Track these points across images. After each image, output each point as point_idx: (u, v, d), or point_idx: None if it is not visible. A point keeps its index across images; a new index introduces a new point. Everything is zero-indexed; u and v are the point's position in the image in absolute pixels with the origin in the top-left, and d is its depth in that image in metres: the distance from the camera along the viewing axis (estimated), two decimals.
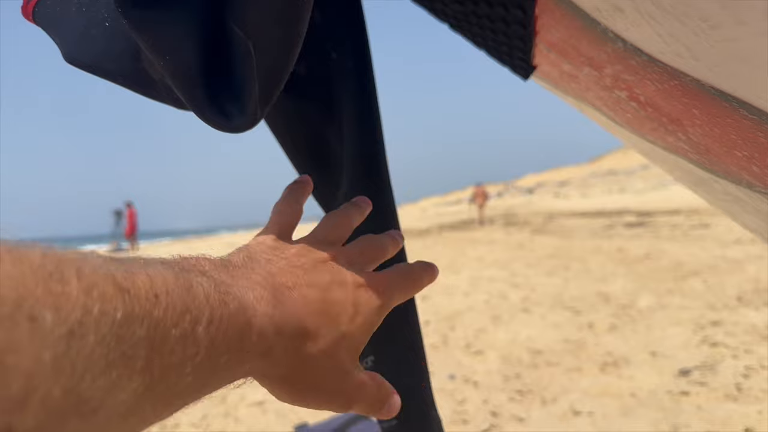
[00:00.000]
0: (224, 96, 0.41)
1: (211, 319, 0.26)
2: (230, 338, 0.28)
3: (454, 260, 8.76)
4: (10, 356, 0.16)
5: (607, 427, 2.44)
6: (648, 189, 26.80)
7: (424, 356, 0.68)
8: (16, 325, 0.17)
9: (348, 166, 0.62)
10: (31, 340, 0.17)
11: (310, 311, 0.35)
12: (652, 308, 4.44)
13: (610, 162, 74.54)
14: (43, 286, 0.18)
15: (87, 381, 0.19)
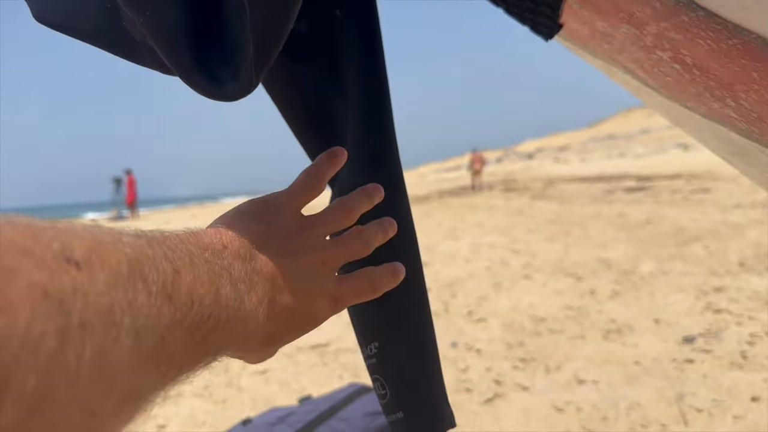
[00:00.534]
0: (215, 59, 0.36)
1: (226, 323, 0.33)
2: (231, 340, 0.35)
3: (454, 226, 8.73)
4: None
5: (611, 395, 2.43)
6: (648, 153, 26.70)
7: (433, 347, 0.64)
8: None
9: (353, 134, 0.57)
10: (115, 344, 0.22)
11: (284, 318, 0.42)
12: (654, 274, 4.42)
13: (610, 127, 74.19)
14: (123, 294, 0.23)
15: (138, 374, 0.24)
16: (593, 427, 2.22)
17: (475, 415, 2.39)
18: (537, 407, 2.40)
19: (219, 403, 2.67)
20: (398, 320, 0.58)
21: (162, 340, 0.26)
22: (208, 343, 0.31)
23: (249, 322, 0.36)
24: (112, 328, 0.21)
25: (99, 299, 0.21)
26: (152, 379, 0.26)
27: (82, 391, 0.20)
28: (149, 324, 0.24)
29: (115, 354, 0.22)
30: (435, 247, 6.76)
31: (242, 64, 0.35)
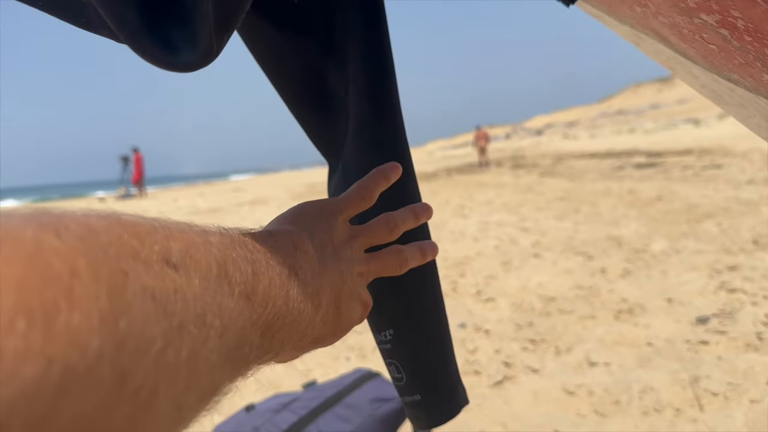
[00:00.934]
0: (167, 21, 0.29)
1: (291, 324, 0.33)
2: (291, 339, 0.35)
3: (462, 204, 8.65)
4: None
5: (624, 378, 2.37)
6: (658, 129, 26.40)
7: (446, 330, 0.63)
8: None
9: (358, 115, 0.52)
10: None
11: (333, 321, 0.42)
12: (666, 253, 4.34)
13: (620, 102, 73.49)
14: (212, 297, 0.24)
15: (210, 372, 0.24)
16: (605, 410, 2.17)
17: (484, 398, 2.34)
18: (547, 390, 2.35)
19: None
20: (413, 307, 0.58)
21: (240, 340, 0.27)
22: (275, 342, 0.32)
23: (309, 324, 0.37)
24: (204, 329, 0.23)
25: (195, 302, 0.23)
26: (229, 375, 0.27)
27: (177, 388, 0.21)
28: (231, 325, 0.26)
29: (205, 353, 0.23)
30: (443, 225, 6.69)
31: (199, 27, 0.29)
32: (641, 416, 2.11)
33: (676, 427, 2.03)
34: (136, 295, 0.19)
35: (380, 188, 0.51)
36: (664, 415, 2.11)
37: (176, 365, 0.21)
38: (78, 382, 0.16)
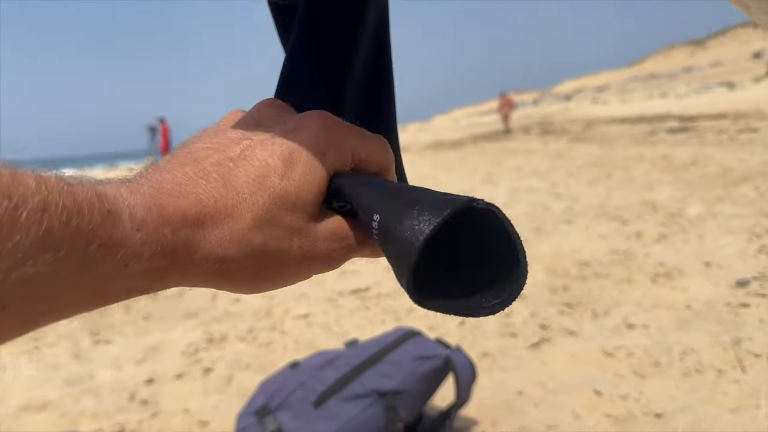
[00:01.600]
0: None
1: (45, 207, 0.23)
2: (86, 228, 0.24)
3: (491, 171, 8.58)
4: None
5: (663, 340, 2.36)
6: (691, 93, 25.73)
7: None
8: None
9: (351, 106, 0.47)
10: None
11: (214, 188, 0.30)
12: (702, 217, 4.26)
13: (651, 65, 71.59)
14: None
15: None
16: (645, 371, 2.17)
17: (521, 359, 2.35)
18: (586, 351, 2.35)
19: (263, 346, 2.68)
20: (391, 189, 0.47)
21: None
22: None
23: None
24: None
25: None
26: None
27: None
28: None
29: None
30: (471, 192, 6.59)
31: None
32: (682, 377, 2.10)
33: (718, 388, 2.01)
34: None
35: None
36: (706, 376, 2.09)
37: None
38: None
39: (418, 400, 1.74)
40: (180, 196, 0.29)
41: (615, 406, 1.97)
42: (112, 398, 2.31)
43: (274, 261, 0.31)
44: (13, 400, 2.38)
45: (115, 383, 2.45)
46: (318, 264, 0.33)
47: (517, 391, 2.10)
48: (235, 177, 0.30)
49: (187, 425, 2.08)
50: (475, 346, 2.46)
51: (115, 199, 0.26)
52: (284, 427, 1.66)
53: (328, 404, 1.67)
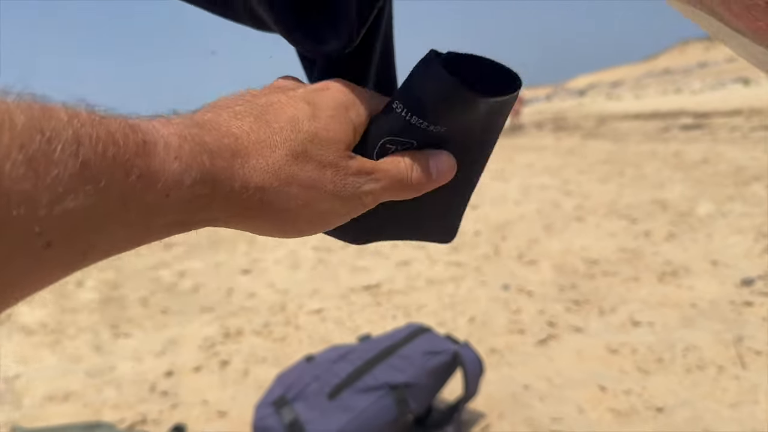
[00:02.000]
0: (315, 14, 0.36)
1: (78, 140, 0.23)
2: (122, 158, 0.24)
3: (503, 168, 8.62)
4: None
5: (667, 337, 2.42)
6: (705, 89, 25.54)
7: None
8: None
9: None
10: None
11: (247, 124, 0.32)
12: (712, 216, 4.30)
13: (666, 61, 70.98)
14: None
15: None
16: (648, 367, 2.23)
17: (528, 355, 2.42)
18: (591, 348, 2.41)
19: (278, 340, 2.78)
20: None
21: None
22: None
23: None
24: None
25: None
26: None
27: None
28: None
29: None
30: (483, 189, 6.71)
31: (344, 21, 0.35)
32: (684, 373, 2.17)
33: (719, 384, 2.08)
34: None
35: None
36: (707, 372, 2.16)
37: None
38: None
39: (427, 392, 1.82)
40: (214, 129, 0.30)
41: (618, 401, 2.04)
42: (134, 389, 2.41)
43: (310, 194, 0.33)
44: (37, 390, 2.49)
45: (136, 375, 2.56)
46: (351, 201, 0.35)
47: (524, 386, 2.17)
48: (267, 117, 0.32)
49: (206, 415, 2.18)
50: (483, 342, 2.54)
51: (149, 130, 0.26)
52: (301, 417, 1.74)
53: (342, 396, 1.76)
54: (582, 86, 58.16)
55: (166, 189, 0.26)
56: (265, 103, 0.33)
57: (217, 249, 4.93)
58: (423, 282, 3.46)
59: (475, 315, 2.87)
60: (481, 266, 3.68)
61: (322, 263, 4.08)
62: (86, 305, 3.61)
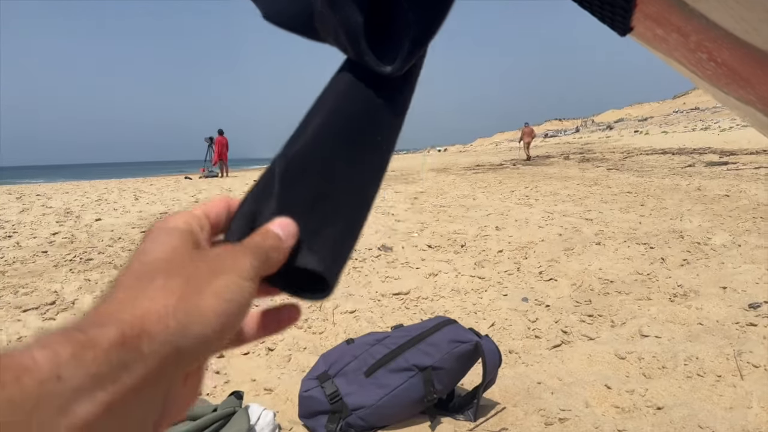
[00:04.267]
0: (383, 51, 0.50)
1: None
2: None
3: (528, 194, 8.85)
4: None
5: (672, 348, 2.63)
6: (734, 127, 25.46)
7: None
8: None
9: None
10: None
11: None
12: (726, 246, 4.49)
13: (695, 98, 70.35)
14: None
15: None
16: (652, 373, 2.45)
17: (542, 357, 2.66)
18: (601, 354, 2.64)
19: (317, 333, 3.06)
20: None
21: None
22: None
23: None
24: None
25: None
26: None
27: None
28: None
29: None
30: (507, 212, 6.95)
31: (399, 56, 0.49)
32: (685, 379, 2.38)
33: (716, 390, 2.29)
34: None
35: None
36: (706, 380, 2.37)
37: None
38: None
39: (451, 376, 2.08)
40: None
41: (622, 399, 2.26)
42: None
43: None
44: None
45: None
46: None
47: (537, 382, 2.41)
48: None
49: (255, 391, 2.45)
50: (502, 344, 2.79)
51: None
52: (341, 390, 2.02)
53: (377, 374, 2.03)
54: (610, 120, 57.97)
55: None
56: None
57: None
58: (449, 291, 3.71)
59: (496, 321, 3.11)
60: (503, 280, 3.93)
61: (356, 271, 4.35)
62: None
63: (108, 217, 8.24)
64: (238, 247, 0.37)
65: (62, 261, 5.18)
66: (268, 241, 0.38)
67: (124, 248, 5.76)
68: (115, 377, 0.27)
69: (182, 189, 13.63)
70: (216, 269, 0.33)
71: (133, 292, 0.31)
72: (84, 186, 16.37)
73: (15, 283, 4.37)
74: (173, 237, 0.35)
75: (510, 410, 2.20)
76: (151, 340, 0.28)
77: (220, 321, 0.32)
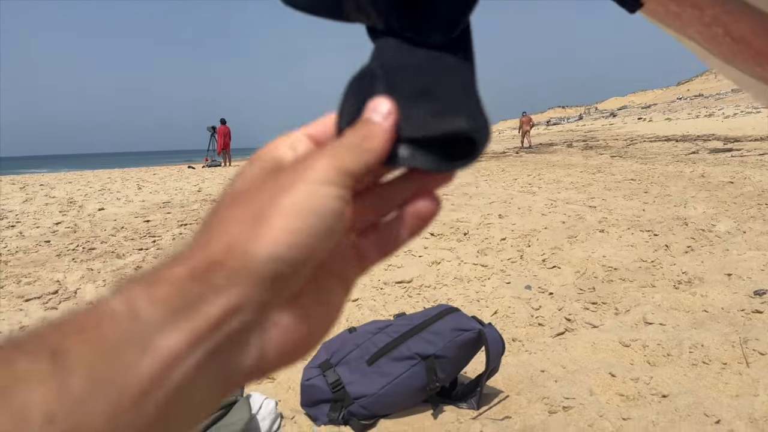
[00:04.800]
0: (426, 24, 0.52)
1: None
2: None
3: (531, 182, 8.81)
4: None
5: (677, 336, 2.61)
6: (738, 114, 25.32)
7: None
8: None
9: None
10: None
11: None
12: (731, 233, 4.46)
13: (699, 85, 70.00)
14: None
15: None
16: (657, 361, 2.43)
17: (546, 345, 2.64)
18: (605, 342, 2.62)
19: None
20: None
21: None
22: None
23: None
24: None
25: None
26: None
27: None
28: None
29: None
30: (511, 200, 6.91)
31: (446, 18, 0.50)
32: (690, 367, 2.36)
33: (721, 377, 2.26)
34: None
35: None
36: (712, 368, 2.35)
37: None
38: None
39: (454, 365, 2.06)
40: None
41: (626, 387, 2.24)
42: None
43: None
44: None
45: None
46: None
47: (541, 370, 2.39)
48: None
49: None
50: (505, 332, 2.77)
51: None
52: (343, 379, 2.00)
53: (379, 363, 2.01)
54: (614, 108, 57.75)
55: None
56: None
57: None
58: (451, 279, 3.69)
59: (499, 309, 3.09)
60: (506, 268, 3.90)
61: None
62: None
63: (111, 207, 8.23)
64: (317, 151, 0.33)
65: (65, 250, 5.18)
66: (357, 131, 0.33)
67: (126, 237, 5.75)
68: (193, 310, 0.26)
69: (185, 178, 13.61)
70: (285, 184, 0.30)
71: (206, 227, 0.30)
72: (87, 176, 16.37)
73: (18, 272, 4.36)
74: (255, 166, 0.33)
75: (513, 398, 2.18)
76: (223, 270, 0.27)
77: (295, 238, 0.29)
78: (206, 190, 10.23)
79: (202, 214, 7.31)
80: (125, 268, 4.39)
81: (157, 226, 6.44)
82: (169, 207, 8.08)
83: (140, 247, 5.22)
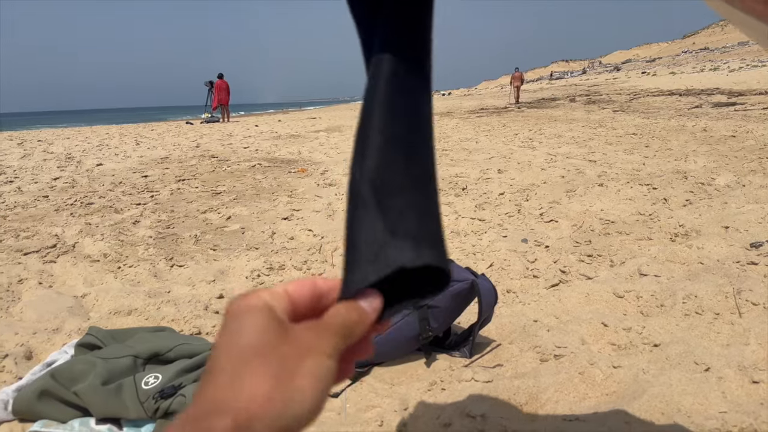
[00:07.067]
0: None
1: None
2: None
3: (531, 137, 8.74)
4: None
5: (671, 287, 2.62)
6: (744, 68, 24.94)
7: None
8: None
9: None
10: None
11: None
12: (730, 186, 4.45)
13: (705, 38, 68.76)
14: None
15: None
16: (650, 311, 2.45)
17: (540, 296, 2.66)
18: (599, 293, 2.64)
19: (316, 274, 3.06)
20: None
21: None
22: None
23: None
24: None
25: None
26: None
27: None
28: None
29: None
30: (510, 155, 6.88)
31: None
32: (682, 317, 2.38)
33: (713, 327, 2.28)
34: None
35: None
36: (704, 317, 2.36)
37: None
38: None
39: (447, 315, 2.07)
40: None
41: (618, 336, 2.27)
42: (189, 308, 2.70)
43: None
44: (103, 307, 2.80)
45: (191, 297, 2.85)
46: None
47: (533, 320, 2.41)
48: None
49: None
50: (500, 284, 2.79)
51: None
52: None
53: None
54: (618, 61, 56.89)
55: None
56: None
57: (260, 199, 5.21)
58: (448, 233, 3.70)
59: (495, 262, 3.11)
60: (503, 222, 3.91)
61: None
62: (143, 240, 3.93)
63: (109, 162, 8.21)
64: (322, 325, 0.40)
65: (63, 205, 5.18)
66: (353, 317, 0.41)
67: (124, 192, 5.76)
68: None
69: (183, 134, 13.53)
70: (303, 350, 0.37)
71: (233, 377, 0.35)
72: (85, 131, 16.28)
73: (16, 227, 4.38)
74: (258, 319, 0.38)
75: (505, 347, 2.21)
76: (259, 423, 0.33)
77: (315, 399, 0.36)
78: (204, 146, 10.18)
79: (199, 169, 7.30)
80: (123, 223, 4.40)
81: (155, 181, 6.44)
82: (167, 162, 8.06)
83: (138, 201, 5.23)
